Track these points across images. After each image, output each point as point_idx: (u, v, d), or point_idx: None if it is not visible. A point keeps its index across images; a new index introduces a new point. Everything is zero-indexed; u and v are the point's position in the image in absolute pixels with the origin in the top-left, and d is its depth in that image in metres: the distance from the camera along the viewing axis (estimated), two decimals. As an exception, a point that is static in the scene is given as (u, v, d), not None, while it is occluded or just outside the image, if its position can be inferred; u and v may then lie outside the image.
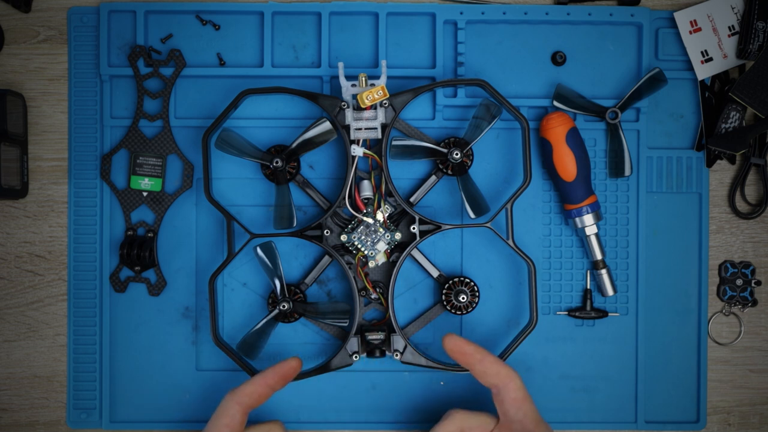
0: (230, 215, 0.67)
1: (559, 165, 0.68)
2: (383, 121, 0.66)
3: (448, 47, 0.71)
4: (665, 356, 0.72)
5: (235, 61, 0.71)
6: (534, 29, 0.71)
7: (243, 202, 0.71)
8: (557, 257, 0.71)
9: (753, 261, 0.73)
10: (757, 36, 0.69)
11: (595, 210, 0.69)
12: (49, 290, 0.72)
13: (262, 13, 0.70)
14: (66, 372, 0.71)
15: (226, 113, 0.66)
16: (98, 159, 0.71)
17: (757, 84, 0.68)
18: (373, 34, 0.71)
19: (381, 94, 0.65)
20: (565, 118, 0.68)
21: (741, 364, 0.73)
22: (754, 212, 0.72)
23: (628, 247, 0.71)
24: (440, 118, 0.70)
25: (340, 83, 0.66)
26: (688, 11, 0.70)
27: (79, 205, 0.71)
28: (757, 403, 0.73)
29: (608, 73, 0.71)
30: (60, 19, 0.71)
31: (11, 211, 0.72)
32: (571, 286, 0.72)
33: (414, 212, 0.67)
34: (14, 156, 0.69)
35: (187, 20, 0.71)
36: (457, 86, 0.70)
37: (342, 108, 0.66)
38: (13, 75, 0.71)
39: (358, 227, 0.67)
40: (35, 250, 0.72)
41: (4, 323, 0.72)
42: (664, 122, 0.72)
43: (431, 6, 0.70)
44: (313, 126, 0.67)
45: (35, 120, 0.72)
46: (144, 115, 0.70)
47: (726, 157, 0.72)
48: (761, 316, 0.73)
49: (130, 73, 0.70)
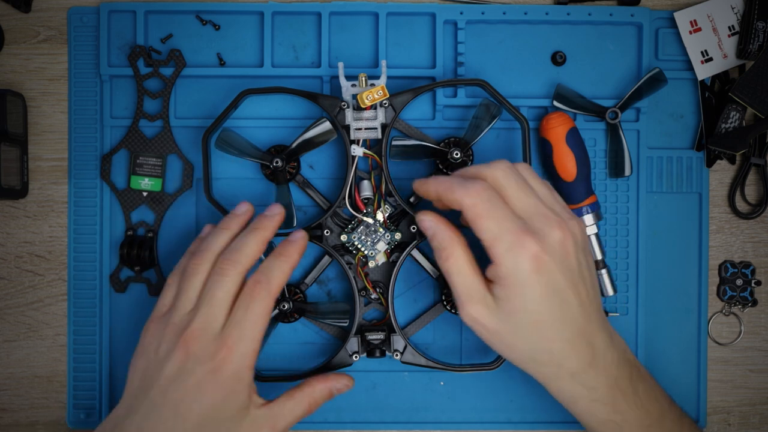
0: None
1: (559, 165, 0.68)
2: (383, 121, 0.66)
3: (448, 47, 0.71)
4: (665, 356, 0.72)
5: (235, 61, 0.71)
6: (534, 29, 0.71)
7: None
8: (557, 257, 0.71)
9: (753, 261, 0.73)
10: (757, 36, 0.69)
11: (595, 210, 0.69)
12: (49, 290, 0.72)
13: (262, 13, 0.70)
14: (66, 372, 0.71)
15: (226, 113, 0.66)
16: (98, 159, 0.71)
17: (757, 84, 0.68)
18: (373, 34, 0.71)
19: (381, 94, 0.65)
20: (565, 118, 0.68)
21: (741, 364, 0.73)
22: (754, 212, 0.72)
23: (628, 247, 0.71)
24: (440, 118, 0.70)
25: (340, 83, 0.66)
26: (688, 11, 0.70)
27: (79, 205, 0.71)
28: (757, 403, 0.73)
29: (608, 73, 0.71)
30: (60, 19, 0.71)
31: (11, 211, 0.72)
32: (571, 286, 0.71)
33: (414, 212, 0.67)
34: (14, 156, 0.69)
35: (187, 20, 0.71)
36: (457, 86, 0.70)
37: (342, 108, 0.66)
38: (13, 75, 0.72)
39: (358, 227, 0.67)
40: (35, 250, 0.72)
41: (4, 323, 0.72)
42: (664, 122, 0.72)
43: (431, 6, 0.70)
44: (313, 126, 0.67)
45: (35, 120, 0.72)
46: (144, 115, 0.70)
47: (726, 157, 0.72)
48: (761, 316, 0.73)
49: (130, 73, 0.70)
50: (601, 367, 0.57)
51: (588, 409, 0.57)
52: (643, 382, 0.59)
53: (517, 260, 0.54)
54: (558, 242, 0.55)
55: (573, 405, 0.58)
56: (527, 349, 0.57)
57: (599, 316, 0.58)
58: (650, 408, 0.58)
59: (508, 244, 0.55)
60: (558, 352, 0.56)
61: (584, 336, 0.57)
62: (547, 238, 0.55)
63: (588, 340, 0.57)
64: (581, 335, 0.56)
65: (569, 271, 0.56)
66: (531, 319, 0.55)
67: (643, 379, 0.59)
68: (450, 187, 0.57)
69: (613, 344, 0.58)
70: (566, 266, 0.56)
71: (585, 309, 0.57)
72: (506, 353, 0.58)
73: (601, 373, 0.57)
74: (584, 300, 0.57)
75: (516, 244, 0.54)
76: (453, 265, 0.58)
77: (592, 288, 0.58)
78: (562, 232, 0.56)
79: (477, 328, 0.58)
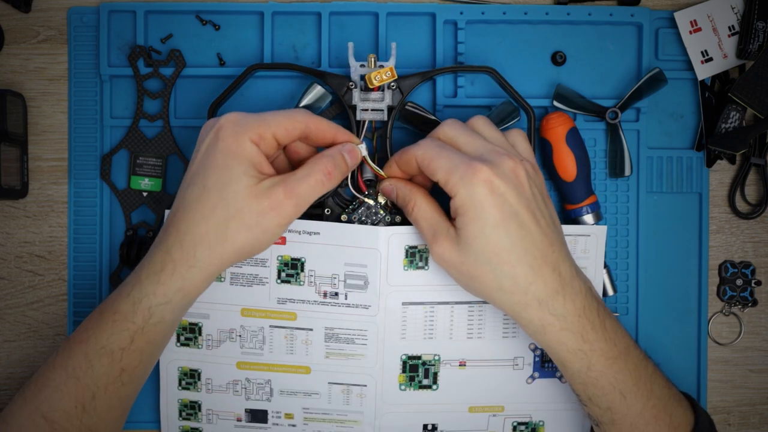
0: None
1: (559, 165, 0.68)
2: (390, 103, 0.66)
3: (448, 47, 0.71)
4: (665, 356, 0.72)
5: (235, 61, 0.71)
6: (534, 29, 0.71)
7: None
8: (557, 257, 0.71)
9: (753, 261, 0.73)
10: (757, 36, 0.69)
11: (595, 210, 0.69)
12: (49, 290, 0.72)
13: (262, 13, 0.70)
14: (66, 372, 0.71)
15: (234, 86, 0.66)
16: (98, 159, 0.71)
17: (757, 84, 0.68)
18: (373, 34, 0.71)
19: (389, 75, 0.65)
20: (565, 118, 0.68)
21: (741, 364, 0.73)
22: (754, 212, 0.72)
23: (628, 247, 0.71)
24: (440, 118, 0.70)
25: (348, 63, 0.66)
26: (688, 11, 0.70)
27: (79, 205, 0.71)
28: (757, 403, 0.73)
29: (608, 73, 0.71)
30: (60, 19, 0.71)
31: (11, 211, 0.72)
32: (571, 286, 0.71)
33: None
34: (14, 156, 0.69)
35: (187, 20, 0.71)
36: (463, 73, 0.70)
37: (350, 88, 0.66)
38: (13, 75, 0.72)
39: (359, 208, 0.67)
40: (35, 250, 0.72)
41: (4, 323, 0.72)
42: (664, 122, 0.72)
43: (431, 6, 0.70)
44: (306, 93, 0.67)
45: (35, 120, 0.72)
46: (144, 115, 0.70)
47: (726, 157, 0.72)
48: (761, 316, 0.73)
49: (130, 73, 0.70)
50: (569, 296, 0.58)
51: (557, 338, 0.58)
52: (609, 318, 0.60)
53: (471, 186, 0.56)
54: (509, 170, 0.57)
55: (542, 335, 0.59)
56: (492, 278, 0.57)
57: (563, 248, 0.59)
58: (617, 341, 0.59)
59: (461, 173, 0.57)
60: (522, 277, 0.57)
61: (548, 262, 0.57)
62: (499, 167, 0.57)
63: (553, 267, 0.57)
64: (545, 261, 0.57)
65: (524, 197, 0.57)
66: (491, 244, 0.57)
67: (609, 316, 0.60)
68: (404, 149, 0.61)
69: (579, 276, 0.59)
70: (520, 192, 0.57)
71: (547, 236, 0.58)
72: (474, 287, 0.59)
73: (569, 301, 0.57)
74: (544, 227, 0.58)
75: (468, 171, 0.57)
76: (418, 211, 0.61)
77: (552, 221, 0.59)
78: (513, 162, 0.58)
79: (444, 265, 0.59)
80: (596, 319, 0.58)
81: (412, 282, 0.65)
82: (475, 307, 0.65)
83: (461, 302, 0.65)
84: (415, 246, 0.64)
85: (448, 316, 0.65)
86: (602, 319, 0.59)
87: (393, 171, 0.63)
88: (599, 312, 0.59)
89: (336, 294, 0.65)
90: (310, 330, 0.66)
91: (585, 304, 0.58)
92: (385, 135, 0.66)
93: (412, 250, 0.65)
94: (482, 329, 0.66)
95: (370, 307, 0.65)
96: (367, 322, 0.65)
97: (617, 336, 0.59)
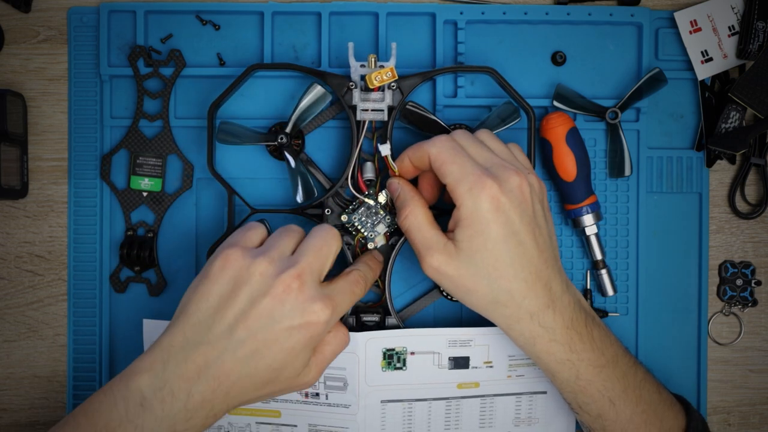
0: (232, 189, 0.67)
1: (559, 165, 0.68)
2: (390, 103, 0.66)
3: (448, 47, 0.71)
4: (665, 356, 0.72)
5: (235, 61, 0.71)
6: (534, 29, 0.71)
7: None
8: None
9: (753, 261, 0.73)
10: (757, 36, 0.69)
11: (595, 210, 0.69)
12: (49, 290, 0.72)
13: (262, 13, 0.70)
14: (66, 372, 0.71)
15: (234, 86, 0.66)
16: (98, 159, 0.71)
17: (757, 84, 0.68)
18: (373, 34, 0.71)
19: (390, 76, 0.65)
20: (565, 118, 0.68)
21: (741, 364, 0.73)
22: (754, 212, 0.72)
23: (628, 247, 0.71)
24: (440, 118, 0.70)
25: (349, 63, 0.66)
26: (688, 11, 0.70)
27: (79, 205, 0.71)
28: (757, 403, 0.73)
29: (608, 73, 0.71)
30: (60, 19, 0.71)
31: (11, 211, 0.72)
32: (571, 286, 0.72)
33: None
34: (14, 156, 0.69)
35: (187, 20, 0.71)
36: (463, 73, 0.70)
37: (350, 88, 0.66)
38: (13, 75, 0.72)
39: (359, 208, 0.67)
40: (35, 250, 0.72)
41: (4, 323, 0.72)
42: (664, 122, 0.72)
43: (431, 6, 0.70)
44: (306, 93, 0.67)
45: (35, 120, 0.72)
46: (144, 115, 0.70)
47: (726, 157, 0.72)
48: (761, 316, 0.73)
49: (130, 73, 0.70)
50: (558, 310, 0.59)
51: (546, 349, 0.60)
52: (597, 328, 0.62)
53: (478, 199, 0.58)
54: (516, 186, 0.59)
55: (532, 346, 0.60)
56: (488, 291, 0.59)
57: (556, 264, 0.61)
58: (605, 350, 0.61)
59: (470, 184, 0.58)
60: (517, 291, 0.59)
61: (541, 279, 0.59)
62: (506, 183, 0.58)
63: (545, 283, 0.59)
64: (538, 278, 0.59)
65: (526, 215, 0.59)
66: (490, 258, 0.58)
67: (598, 326, 0.62)
68: (419, 145, 0.62)
69: (569, 291, 0.61)
70: (523, 210, 0.59)
71: (542, 253, 0.59)
72: (469, 299, 0.60)
73: (558, 314, 0.59)
74: (540, 245, 0.59)
75: (477, 184, 0.58)
76: (412, 219, 0.61)
77: (549, 237, 0.61)
78: (519, 178, 0.59)
79: (438, 277, 0.60)
80: (584, 330, 0.60)
81: (391, 382, 0.66)
82: (453, 402, 0.67)
83: (439, 398, 0.67)
84: (392, 348, 0.65)
85: (426, 411, 0.67)
86: (590, 329, 0.61)
87: (405, 165, 0.64)
88: (587, 323, 0.61)
89: (317, 394, 0.66)
90: (295, 426, 0.67)
91: (573, 316, 0.60)
92: (385, 135, 0.66)
93: (389, 352, 0.65)
94: (459, 423, 0.67)
95: (350, 406, 0.66)
96: (348, 420, 0.66)
97: (605, 345, 0.61)
